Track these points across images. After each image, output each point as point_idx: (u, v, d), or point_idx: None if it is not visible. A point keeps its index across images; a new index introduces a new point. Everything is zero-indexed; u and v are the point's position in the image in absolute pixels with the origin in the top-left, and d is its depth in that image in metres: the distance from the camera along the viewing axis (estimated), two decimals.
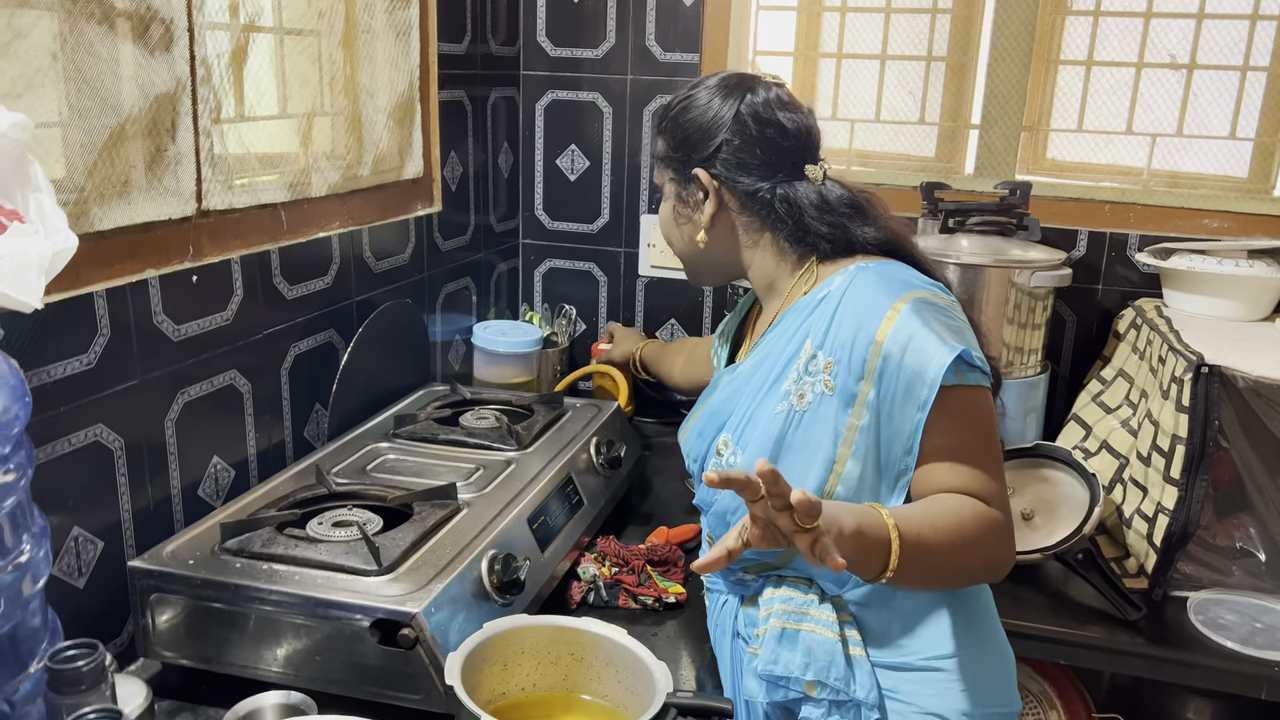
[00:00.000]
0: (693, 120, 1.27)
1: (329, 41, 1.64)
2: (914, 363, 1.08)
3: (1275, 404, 1.53)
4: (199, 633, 1.18)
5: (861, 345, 1.11)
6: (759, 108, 1.24)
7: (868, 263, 1.20)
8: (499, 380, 2.08)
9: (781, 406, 1.16)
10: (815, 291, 1.21)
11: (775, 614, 1.16)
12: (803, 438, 1.14)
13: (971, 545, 1.07)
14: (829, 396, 1.13)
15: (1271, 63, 2.01)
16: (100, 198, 1.20)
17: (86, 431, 1.22)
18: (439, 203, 1.99)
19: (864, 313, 1.12)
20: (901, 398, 1.10)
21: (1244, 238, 1.99)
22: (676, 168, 1.29)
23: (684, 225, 1.31)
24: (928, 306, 1.12)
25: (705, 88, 1.28)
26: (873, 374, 1.11)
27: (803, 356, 1.16)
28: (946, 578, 1.13)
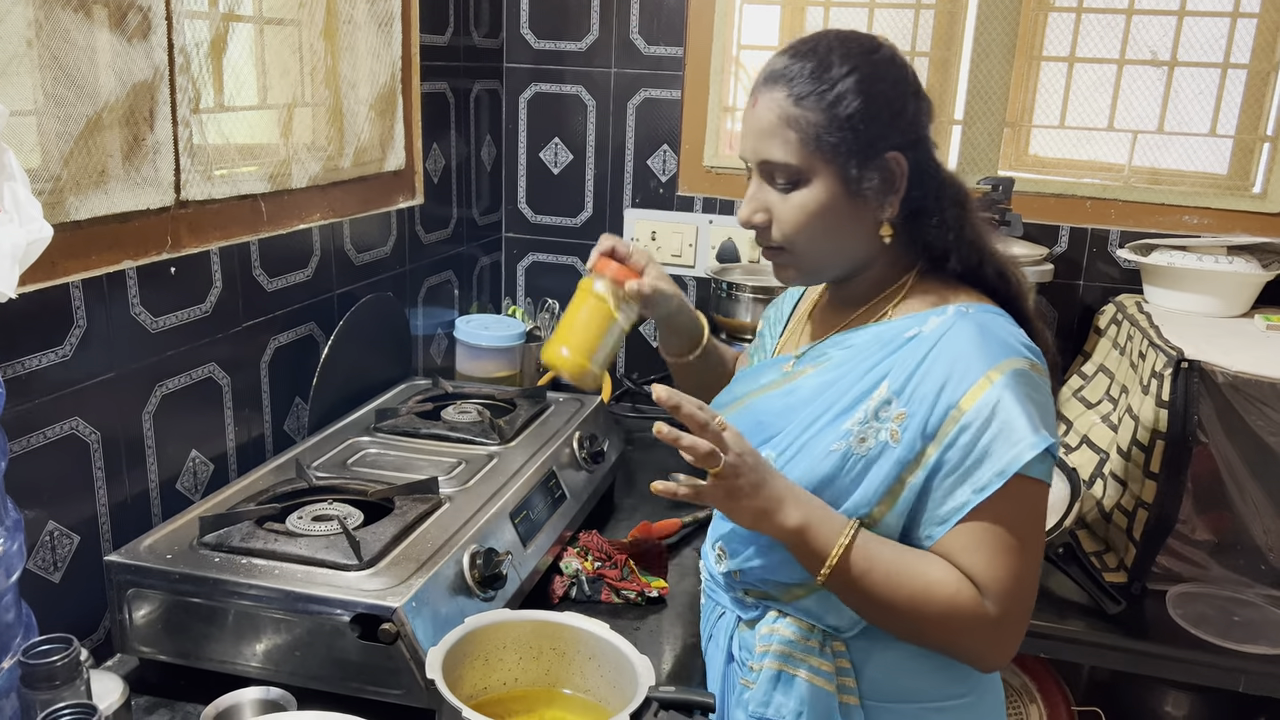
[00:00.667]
0: (882, 92, 1.06)
1: (310, 31, 1.63)
2: (991, 444, 1.01)
3: (1254, 399, 1.54)
4: (177, 628, 1.16)
5: (942, 407, 1.02)
6: (913, 72, 1.09)
7: (969, 306, 1.08)
8: (481, 374, 2.07)
9: (839, 446, 1.07)
10: (903, 322, 1.10)
11: (773, 654, 1.12)
12: (851, 482, 1.06)
13: (926, 621, 1.03)
14: (891, 448, 1.05)
15: (1251, 60, 2.02)
16: (76, 187, 1.18)
17: (62, 424, 1.20)
18: (421, 195, 1.98)
19: (954, 372, 1.03)
20: (962, 473, 1.02)
21: (1223, 234, 2.00)
22: (853, 149, 1.06)
23: (853, 218, 1.09)
24: (1024, 380, 1.02)
25: (859, 42, 1.08)
26: (943, 439, 1.02)
27: (875, 398, 1.06)
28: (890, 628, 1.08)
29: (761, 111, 1.08)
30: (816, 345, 1.18)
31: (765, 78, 1.10)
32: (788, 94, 1.06)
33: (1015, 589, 1.03)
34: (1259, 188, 2.05)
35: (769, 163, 1.08)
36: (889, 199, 1.08)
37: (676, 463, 1.97)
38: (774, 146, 1.07)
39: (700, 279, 2.32)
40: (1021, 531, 1.03)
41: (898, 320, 1.11)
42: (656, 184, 2.30)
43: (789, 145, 1.06)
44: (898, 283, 1.14)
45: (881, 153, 1.06)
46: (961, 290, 1.12)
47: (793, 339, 1.26)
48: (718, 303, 2.12)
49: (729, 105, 2.27)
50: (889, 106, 1.06)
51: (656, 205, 2.31)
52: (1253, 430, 1.55)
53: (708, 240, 2.28)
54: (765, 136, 1.08)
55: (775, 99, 1.07)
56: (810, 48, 1.08)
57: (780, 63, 1.09)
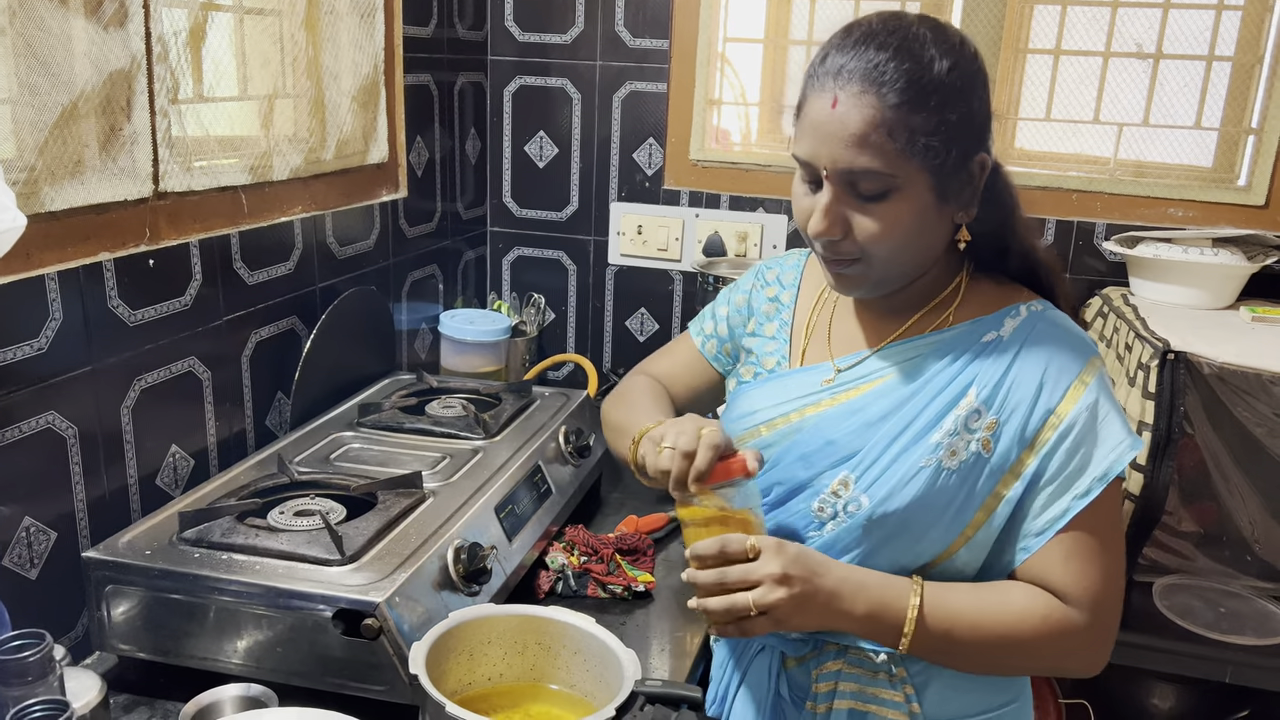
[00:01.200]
0: (978, 89, 0.99)
1: (291, 21, 1.61)
2: (1092, 448, 0.99)
3: (1240, 390, 1.54)
4: (156, 625, 1.15)
5: (1039, 414, 1.00)
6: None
7: (1035, 305, 1.05)
8: (466, 369, 2.05)
9: (928, 461, 1.01)
10: (972, 326, 1.06)
11: (843, 693, 1.08)
12: (945, 499, 1.01)
13: (1024, 654, 1.02)
14: (985, 459, 1.01)
15: (1236, 53, 2.03)
16: (51, 177, 1.16)
17: (38, 418, 1.18)
18: (404, 188, 1.96)
19: (1048, 376, 1.00)
20: (1062, 480, 1.00)
21: (1208, 226, 2.00)
22: (950, 154, 0.97)
23: (937, 225, 1.02)
24: (1107, 379, 1.02)
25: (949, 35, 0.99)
26: (1041, 446, 1.00)
27: (963, 407, 1.02)
28: (989, 671, 1.07)
29: (847, 114, 0.96)
30: (867, 358, 1.11)
31: (848, 74, 0.97)
32: (883, 95, 0.95)
33: (1107, 592, 1.01)
34: (1244, 180, 2.05)
35: (856, 171, 0.97)
36: (972, 203, 1.03)
37: None
38: (864, 154, 0.95)
39: (686, 273, 2.31)
40: (1111, 533, 1.02)
41: (966, 325, 1.06)
42: (642, 178, 2.29)
43: (884, 153, 0.95)
44: (951, 285, 1.09)
45: (974, 155, 1.00)
46: (1019, 289, 1.09)
47: (818, 345, 1.17)
48: (705, 297, 2.11)
49: (715, 98, 2.25)
50: (984, 105, 1.00)
51: (642, 199, 2.30)
52: (1239, 421, 1.56)
53: (694, 234, 2.27)
54: (852, 144, 0.95)
55: (866, 100, 0.95)
56: (900, 41, 0.96)
57: (867, 57, 0.96)
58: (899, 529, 1.03)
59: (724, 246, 2.25)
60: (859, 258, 1.02)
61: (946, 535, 1.03)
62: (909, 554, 1.04)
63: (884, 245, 1.00)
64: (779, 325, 1.22)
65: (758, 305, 1.25)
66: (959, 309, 1.08)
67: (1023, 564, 1.02)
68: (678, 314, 2.35)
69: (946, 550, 1.04)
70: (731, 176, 2.24)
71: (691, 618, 1.40)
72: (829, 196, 0.99)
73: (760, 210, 2.23)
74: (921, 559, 1.04)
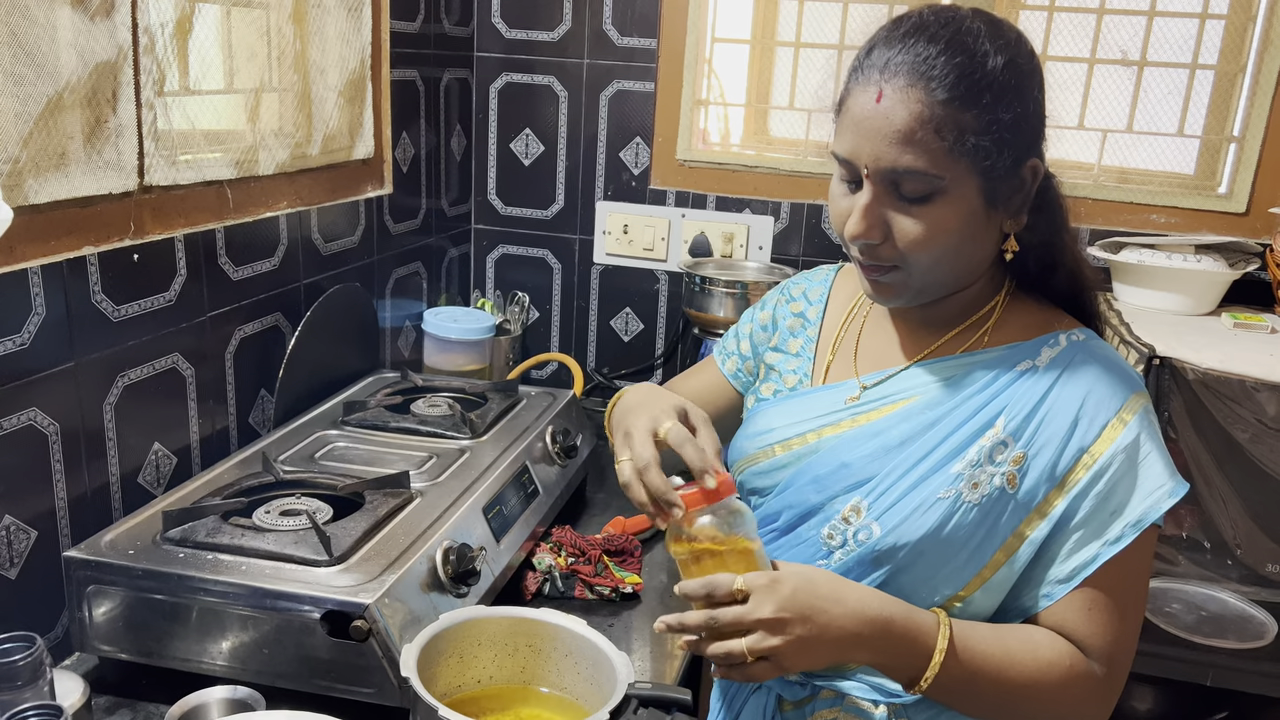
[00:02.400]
0: (1034, 89, 0.94)
1: (278, 15, 1.59)
2: (1128, 492, 0.92)
3: (1222, 396, 1.56)
4: (140, 625, 1.13)
5: (1071, 452, 0.93)
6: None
7: (1077, 335, 0.99)
8: (450, 367, 2.04)
9: (948, 493, 0.95)
10: (1008, 352, 0.99)
11: None
12: (963, 534, 0.94)
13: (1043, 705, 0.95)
14: (1010, 495, 0.94)
15: (1219, 61, 2.05)
16: (36, 169, 1.14)
17: (19, 415, 1.16)
18: (389, 185, 1.95)
19: (1084, 411, 0.93)
20: (1093, 526, 0.93)
21: (1190, 233, 2.02)
22: (1003, 156, 0.91)
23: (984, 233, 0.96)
24: (1150, 417, 0.94)
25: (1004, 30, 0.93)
26: (1072, 486, 0.93)
27: (988, 438, 0.95)
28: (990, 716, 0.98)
29: (893, 109, 0.89)
30: (894, 375, 1.05)
31: (895, 67, 0.90)
32: (932, 90, 0.88)
33: (1124, 646, 0.96)
34: (1225, 188, 2.07)
35: (900, 171, 0.90)
36: (1022, 211, 0.96)
37: None
38: (909, 153, 0.89)
39: (672, 273, 2.30)
40: (1136, 585, 0.95)
41: (1002, 350, 1.00)
42: (629, 177, 2.28)
43: (931, 152, 0.89)
44: (989, 303, 1.03)
45: (1026, 160, 0.94)
46: (1059, 314, 1.02)
47: (843, 362, 1.11)
48: (690, 297, 2.11)
49: (702, 98, 2.25)
50: (1037, 107, 0.94)
51: (629, 198, 2.29)
52: (1221, 426, 1.57)
53: (680, 234, 2.27)
54: (897, 141, 0.89)
55: (914, 95, 0.89)
56: (952, 34, 0.90)
57: (916, 51, 0.90)
58: (910, 563, 0.96)
59: (710, 247, 2.25)
60: (898, 265, 0.96)
61: (962, 573, 0.96)
62: (920, 591, 0.96)
63: (926, 252, 0.93)
64: (804, 342, 1.16)
65: (782, 320, 1.20)
66: (995, 330, 1.02)
67: (1045, 610, 0.96)
68: (663, 314, 2.35)
69: (961, 591, 0.97)
70: (718, 177, 2.24)
71: None
72: (869, 197, 0.93)
73: (747, 211, 2.23)
74: (934, 598, 0.97)
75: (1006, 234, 0.98)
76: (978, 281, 1.02)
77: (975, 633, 0.94)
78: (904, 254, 0.94)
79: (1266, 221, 2.00)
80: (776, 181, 2.21)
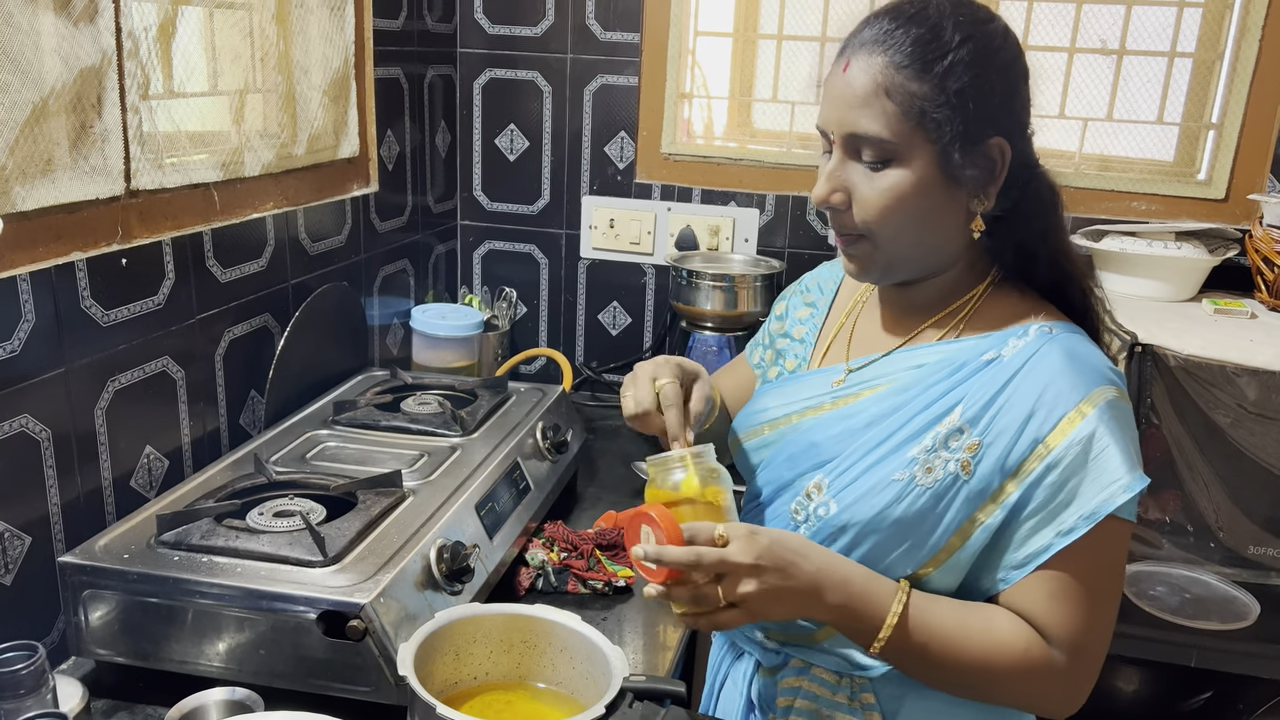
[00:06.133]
0: (997, 68, 0.96)
1: (261, 15, 1.59)
2: (1081, 484, 0.92)
3: (1204, 381, 1.58)
4: (136, 629, 1.13)
5: (1026, 442, 0.94)
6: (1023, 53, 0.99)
7: (1050, 325, 0.99)
8: (439, 364, 2.05)
9: (902, 475, 0.98)
10: (977, 342, 1.01)
11: (798, 710, 1.06)
12: (915, 516, 0.97)
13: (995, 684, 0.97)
14: (964, 481, 0.96)
15: (1197, 49, 2.06)
16: (22, 176, 1.14)
17: (11, 422, 1.16)
18: (375, 183, 1.95)
19: (1042, 403, 0.94)
20: (1046, 514, 0.94)
21: (1171, 220, 2.04)
22: (957, 128, 0.94)
23: (946, 208, 0.99)
24: (1116, 412, 0.93)
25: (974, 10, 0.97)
26: (1026, 476, 0.94)
27: (946, 425, 0.97)
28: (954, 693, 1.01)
29: (855, 76, 0.96)
30: (876, 361, 1.08)
31: (861, 40, 0.97)
32: (890, 59, 0.94)
33: (1091, 638, 0.96)
34: (1204, 174, 2.09)
35: (858, 135, 0.96)
36: (987, 190, 0.98)
37: (638, 449, 1.97)
38: (866, 117, 0.95)
39: (659, 267, 2.31)
40: (1103, 577, 0.95)
41: (972, 339, 1.02)
42: (614, 171, 2.29)
43: (885, 117, 0.94)
44: (970, 292, 1.05)
45: (987, 137, 0.96)
46: (1040, 306, 1.03)
47: (839, 347, 1.15)
48: (677, 290, 2.12)
49: (686, 92, 2.26)
50: (1003, 85, 0.97)
51: (614, 193, 2.30)
52: (1203, 412, 1.59)
53: (666, 228, 2.27)
54: (856, 105, 0.95)
55: (874, 64, 0.95)
56: (917, 10, 0.96)
57: (881, 25, 0.96)
58: (862, 539, 0.99)
59: (696, 240, 2.26)
60: (864, 235, 1.00)
61: (915, 554, 0.98)
62: (875, 568, 0.99)
63: (884, 220, 0.98)
64: (809, 329, 1.21)
65: (793, 310, 1.25)
66: (971, 320, 1.04)
67: (1003, 595, 0.97)
68: (650, 307, 2.36)
69: (917, 571, 1.00)
70: (703, 170, 2.25)
71: (672, 611, 1.40)
72: (832, 162, 0.99)
73: (732, 204, 2.24)
74: (889, 575, 0.99)
75: (974, 213, 1.00)
76: (955, 266, 1.04)
77: (935, 605, 0.97)
78: (865, 221, 0.99)
79: (1245, 207, 2.02)
80: (761, 174, 2.22)
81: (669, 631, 1.37)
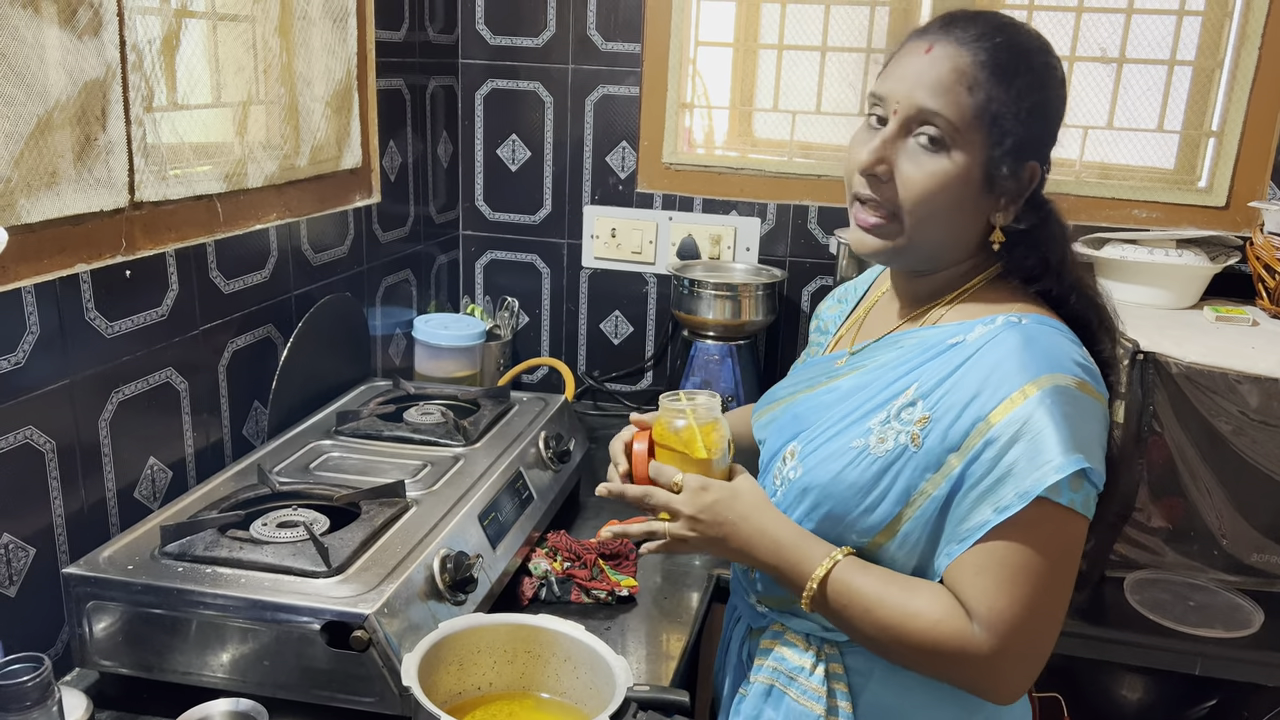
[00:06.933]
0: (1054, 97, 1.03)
1: (264, 28, 1.59)
2: (1016, 462, 0.94)
3: (1206, 389, 1.58)
4: (140, 640, 1.14)
5: (968, 419, 0.97)
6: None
7: (1022, 317, 1.02)
8: (441, 374, 2.05)
9: (859, 443, 1.04)
10: (950, 328, 1.06)
11: (767, 669, 1.13)
12: (867, 482, 1.02)
13: (908, 650, 1.00)
14: (912, 452, 1.00)
15: (1197, 57, 2.07)
16: (27, 189, 1.15)
17: (15, 434, 1.17)
18: (378, 194, 1.96)
19: (988, 383, 0.97)
20: (983, 490, 0.96)
21: (1172, 228, 2.04)
22: (1014, 140, 1.00)
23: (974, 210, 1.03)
24: (1064, 398, 0.95)
25: (1046, 43, 1.03)
26: (967, 451, 0.97)
27: (902, 399, 1.03)
28: (880, 655, 1.05)
29: (939, 60, 1.00)
30: (870, 344, 1.14)
31: (948, 32, 1.01)
32: (977, 58, 0.99)
33: (1019, 620, 0.95)
34: (1204, 182, 2.09)
35: (928, 112, 0.99)
36: (1012, 205, 1.03)
37: None
38: (939, 98, 0.99)
39: (661, 276, 2.31)
40: (1039, 561, 0.95)
41: (947, 325, 1.07)
42: (616, 181, 2.29)
43: (959, 107, 0.98)
44: (969, 283, 1.09)
45: (1028, 158, 1.02)
46: (1028, 301, 1.06)
47: (848, 335, 1.22)
48: (679, 300, 2.12)
49: (687, 101, 2.27)
50: (1054, 114, 1.03)
51: (616, 202, 2.30)
52: (1205, 419, 1.59)
53: (668, 237, 2.28)
54: (933, 86, 0.99)
55: (961, 55, 0.99)
56: (1005, 23, 1.02)
57: (973, 25, 1.01)
58: (820, 502, 1.06)
59: (698, 249, 2.26)
60: (894, 212, 1.03)
61: (871, 519, 1.03)
62: (834, 531, 1.06)
63: (920, 204, 1.01)
64: (834, 321, 1.30)
65: (825, 310, 1.35)
66: (955, 310, 1.08)
67: (945, 570, 1.00)
68: (652, 317, 2.36)
69: (875, 538, 1.04)
70: (704, 179, 2.25)
71: (676, 621, 1.41)
72: (889, 133, 1.02)
73: (734, 213, 2.25)
74: (845, 541, 1.06)
75: (993, 226, 1.05)
76: (962, 264, 1.09)
77: (864, 572, 1.03)
78: (901, 200, 1.02)
79: (1246, 215, 2.02)
80: (762, 183, 2.23)
81: (673, 641, 1.37)
